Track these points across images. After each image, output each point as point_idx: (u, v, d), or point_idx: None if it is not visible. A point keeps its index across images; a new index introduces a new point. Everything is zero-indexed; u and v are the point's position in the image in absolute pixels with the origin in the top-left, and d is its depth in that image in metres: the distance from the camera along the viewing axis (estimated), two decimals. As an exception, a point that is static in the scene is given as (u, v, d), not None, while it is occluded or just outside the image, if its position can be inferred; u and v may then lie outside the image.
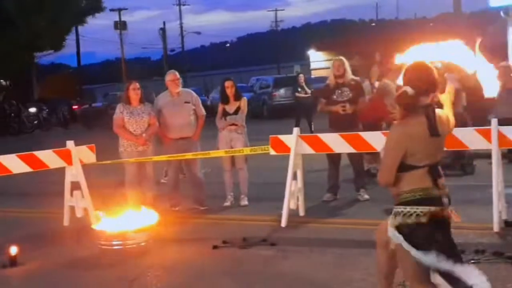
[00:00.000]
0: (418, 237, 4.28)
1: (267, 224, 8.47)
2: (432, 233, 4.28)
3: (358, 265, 6.45)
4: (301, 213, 8.74)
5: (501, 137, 7.69)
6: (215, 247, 7.41)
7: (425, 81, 4.35)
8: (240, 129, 9.78)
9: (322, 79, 21.26)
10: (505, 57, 16.54)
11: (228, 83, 9.88)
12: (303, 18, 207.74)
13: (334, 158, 9.62)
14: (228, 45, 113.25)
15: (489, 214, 7.63)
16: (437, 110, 4.43)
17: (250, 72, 50.01)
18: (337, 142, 8.38)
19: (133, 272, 6.78)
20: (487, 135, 7.75)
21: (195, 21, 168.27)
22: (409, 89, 4.31)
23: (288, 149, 8.53)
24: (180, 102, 9.62)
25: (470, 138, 7.89)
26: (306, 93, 20.13)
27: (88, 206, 8.74)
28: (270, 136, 8.76)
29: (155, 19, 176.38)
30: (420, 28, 39.79)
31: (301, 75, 21.16)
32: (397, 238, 4.36)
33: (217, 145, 9.91)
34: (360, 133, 8.38)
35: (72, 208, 8.96)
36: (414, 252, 4.27)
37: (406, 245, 4.30)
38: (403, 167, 4.33)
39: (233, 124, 9.73)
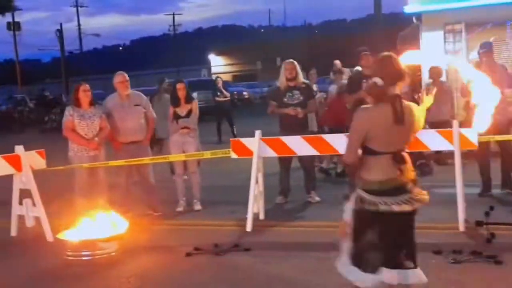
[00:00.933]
0: (364, 225, 4.46)
1: (231, 229, 8.22)
2: (377, 222, 4.43)
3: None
4: (261, 216, 8.57)
5: (462, 138, 7.81)
6: (188, 254, 7.09)
7: (392, 72, 4.48)
8: (193, 133, 9.47)
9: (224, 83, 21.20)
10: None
11: (179, 85, 9.55)
12: (195, 23, 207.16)
13: (285, 161, 9.49)
14: (121, 48, 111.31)
15: (451, 214, 7.73)
16: (406, 102, 4.52)
17: (149, 76, 49.25)
18: (300, 145, 8.24)
19: (105, 284, 6.37)
20: (448, 136, 7.84)
21: (88, 24, 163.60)
22: (378, 80, 4.45)
23: (250, 152, 8.32)
24: (129, 105, 9.18)
25: (431, 140, 7.96)
26: (225, 96, 19.90)
27: (40, 215, 8.15)
28: (231, 139, 8.52)
29: (44, 20, 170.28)
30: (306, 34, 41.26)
31: (219, 79, 20.90)
32: (346, 216, 4.56)
33: (168, 149, 9.55)
34: (323, 135, 8.26)
35: (21, 218, 8.35)
36: (352, 231, 4.52)
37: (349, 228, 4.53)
38: (366, 150, 4.47)
39: (185, 127, 9.40)
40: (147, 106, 9.38)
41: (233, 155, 8.42)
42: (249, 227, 8.05)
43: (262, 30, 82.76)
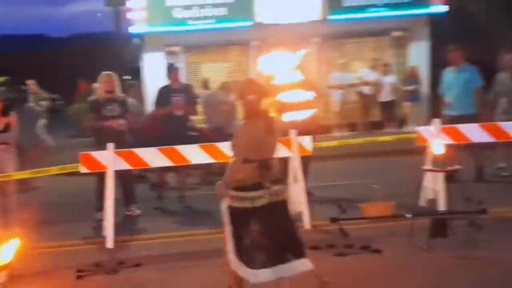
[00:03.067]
0: (237, 220, 5.02)
1: (88, 248, 7.59)
2: (249, 220, 4.98)
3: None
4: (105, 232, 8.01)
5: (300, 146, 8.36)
6: (79, 277, 6.37)
7: (260, 92, 5.18)
8: (12, 149, 8.38)
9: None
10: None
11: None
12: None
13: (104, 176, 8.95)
14: None
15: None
16: (272, 115, 5.23)
17: None
18: (154, 157, 7.93)
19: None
20: (288, 144, 8.29)
21: None
22: (252, 98, 5.10)
23: (102, 166, 7.73)
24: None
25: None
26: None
27: None
28: (81, 153, 7.79)
29: None
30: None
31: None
32: (223, 215, 5.12)
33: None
34: (176, 146, 8.05)
35: None
36: (229, 229, 5.06)
37: (227, 222, 5.08)
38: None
39: (3, 143, 8.28)
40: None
41: (83, 170, 7.73)
42: (110, 244, 7.47)
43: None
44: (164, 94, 9.70)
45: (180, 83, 9.82)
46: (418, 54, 17.93)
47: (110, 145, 7.73)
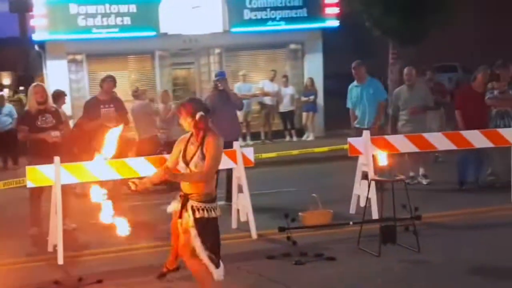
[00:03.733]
0: (209, 229, 5.34)
1: (41, 265, 7.27)
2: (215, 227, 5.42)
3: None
4: (50, 248, 7.74)
5: (244, 157, 8.47)
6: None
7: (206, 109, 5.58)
8: None
9: None
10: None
11: None
12: None
13: (36, 192, 8.59)
14: None
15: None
16: None
17: None
18: (102, 169, 7.70)
19: None
20: (232, 156, 8.38)
21: None
22: (202, 113, 5.44)
23: (49, 181, 7.44)
24: None
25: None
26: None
27: None
28: (27, 166, 7.44)
29: None
30: None
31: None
32: (192, 230, 5.33)
33: None
34: (125, 159, 7.89)
35: None
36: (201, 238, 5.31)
37: (194, 234, 5.32)
38: None
39: None
40: None
41: (30, 184, 7.41)
42: (60, 260, 7.21)
43: None
44: (92, 107, 9.49)
45: (109, 95, 9.57)
46: (313, 66, 18.58)
47: (56, 158, 7.45)
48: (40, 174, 7.45)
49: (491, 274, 6.51)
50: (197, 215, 5.33)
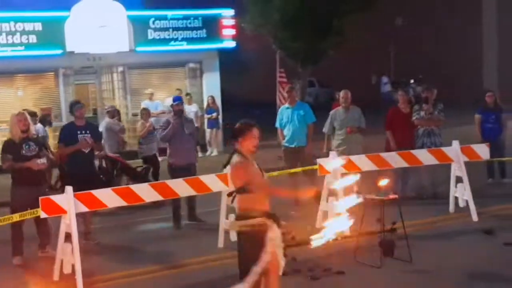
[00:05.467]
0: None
1: None
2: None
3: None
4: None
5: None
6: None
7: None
8: None
9: None
10: None
11: None
12: None
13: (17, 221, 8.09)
14: None
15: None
16: None
17: None
18: (111, 198, 7.46)
19: None
20: (225, 179, 8.40)
21: None
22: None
23: (62, 210, 7.07)
24: None
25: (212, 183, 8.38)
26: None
27: None
28: (41, 198, 6.98)
29: None
30: None
31: None
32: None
33: None
34: (130, 185, 7.67)
35: None
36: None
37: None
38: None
39: None
40: None
41: (44, 215, 6.99)
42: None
43: None
44: (69, 132, 9.12)
45: (84, 120, 9.22)
46: (211, 84, 18.81)
47: (69, 188, 7.09)
48: (54, 204, 7.04)
49: (485, 279, 7.20)
50: None
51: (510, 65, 27.74)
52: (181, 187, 7.99)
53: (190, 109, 17.61)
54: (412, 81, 29.11)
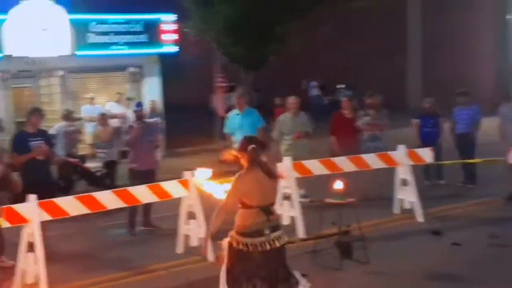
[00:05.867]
0: (236, 258, 5.43)
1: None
2: (248, 260, 5.38)
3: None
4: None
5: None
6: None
7: (259, 143, 5.58)
8: None
9: None
10: None
11: None
12: None
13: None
14: None
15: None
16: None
17: None
18: (74, 206, 7.32)
19: None
20: (185, 185, 8.39)
21: None
22: (252, 148, 5.44)
23: (24, 220, 6.87)
24: None
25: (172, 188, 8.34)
26: None
27: None
28: (3, 206, 6.76)
29: None
30: None
31: None
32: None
33: None
34: (93, 193, 7.51)
35: None
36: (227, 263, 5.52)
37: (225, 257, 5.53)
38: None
39: None
40: None
41: (6, 224, 6.78)
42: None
43: None
44: (21, 141, 8.88)
45: (36, 128, 8.97)
46: (151, 89, 18.63)
47: (33, 197, 6.91)
48: (15, 213, 6.83)
49: (441, 278, 7.49)
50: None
51: (433, 71, 28.61)
52: (143, 194, 7.91)
53: (131, 113, 17.36)
54: (343, 86, 29.64)
